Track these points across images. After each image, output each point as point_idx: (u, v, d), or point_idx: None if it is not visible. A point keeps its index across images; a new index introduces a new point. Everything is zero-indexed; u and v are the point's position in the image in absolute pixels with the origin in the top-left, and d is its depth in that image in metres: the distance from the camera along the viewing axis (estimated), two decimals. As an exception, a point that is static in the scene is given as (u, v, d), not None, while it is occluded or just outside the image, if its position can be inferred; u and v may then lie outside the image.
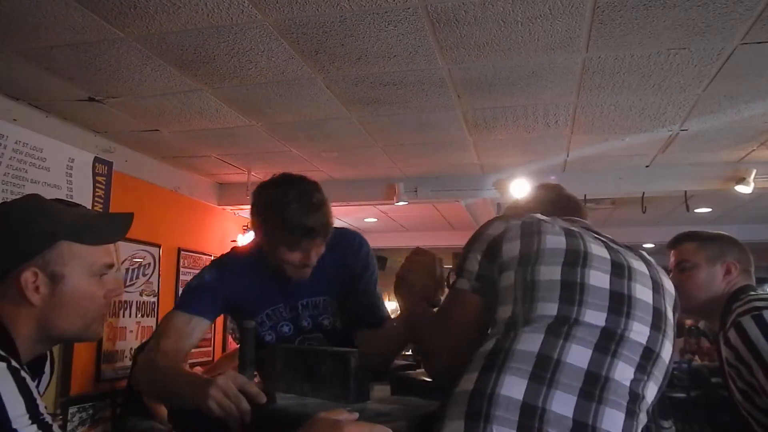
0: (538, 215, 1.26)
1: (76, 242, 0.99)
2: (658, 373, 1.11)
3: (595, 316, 1.07)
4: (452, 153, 4.47)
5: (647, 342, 1.10)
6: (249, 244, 1.90)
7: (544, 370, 1.00)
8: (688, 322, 10.33)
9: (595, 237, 1.23)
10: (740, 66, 2.84)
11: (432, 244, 9.16)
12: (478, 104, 3.40)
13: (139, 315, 4.34)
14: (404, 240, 8.92)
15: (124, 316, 4.20)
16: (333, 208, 1.72)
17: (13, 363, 0.87)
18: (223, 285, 1.74)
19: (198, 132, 3.96)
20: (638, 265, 1.19)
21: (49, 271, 0.96)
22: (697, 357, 6.97)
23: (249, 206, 1.84)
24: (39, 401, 0.87)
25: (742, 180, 4.59)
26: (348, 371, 1.22)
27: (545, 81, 3.04)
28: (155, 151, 4.46)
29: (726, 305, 1.76)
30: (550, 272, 1.11)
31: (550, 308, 1.06)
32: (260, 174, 5.18)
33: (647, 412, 1.07)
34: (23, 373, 0.87)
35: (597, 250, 1.16)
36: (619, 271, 1.14)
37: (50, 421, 0.87)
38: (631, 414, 1.02)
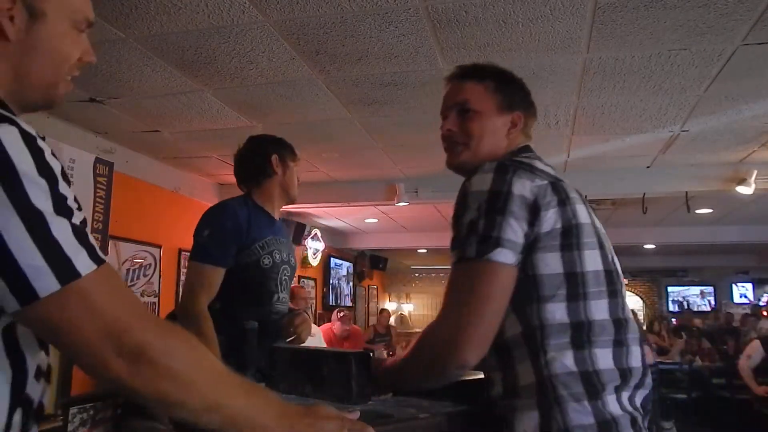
0: (551, 168, 1.20)
1: None
2: None
3: (626, 311, 1.16)
4: (453, 154, 4.47)
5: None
6: (231, 199, 2.18)
7: (626, 383, 1.10)
8: (699, 321, 10.27)
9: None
10: (741, 67, 2.84)
11: (433, 245, 9.16)
12: (478, 105, 3.39)
13: (140, 315, 4.34)
14: (405, 240, 8.93)
15: (124, 317, 4.19)
16: (334, 208, 1.76)
17: (24, 126, 0.77)
18: (241, 222, 2.03)
19: (199, 133, 3.96)
20: (600, 224, 1.22)
21: (28, 1, 0.85)
22: (698, 358, 6.98)
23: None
24: (59, 175, 0.78)
25: (743, 181, 4.59)
26: (349, 372, 1.21)
27: (546, 82, 3.04)
28: (156, 152, 4.46)
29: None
30: (593, 260, 1.12)
31: (601, 310, 1.11)
32: (261, 174, 5.18)
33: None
34: (40, 142, 0.78)
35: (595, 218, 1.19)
36: (605, 244, 1.18)
37: (72, 206, 0.79)
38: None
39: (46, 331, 0.76)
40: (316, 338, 5.16)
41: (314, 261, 7.82)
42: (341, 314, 6.49)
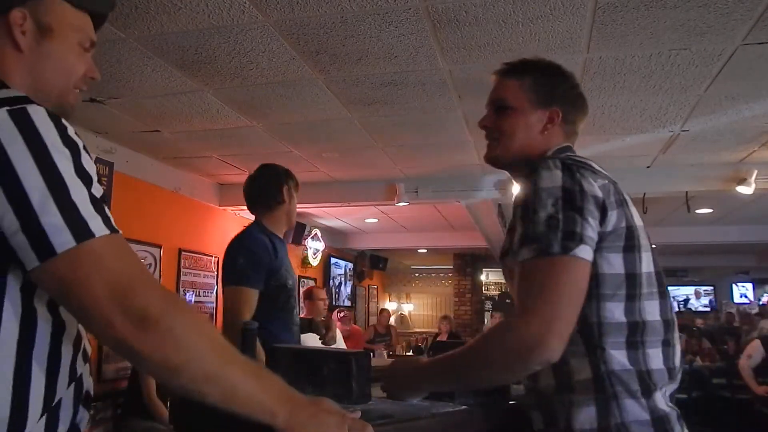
0: (603, 169, 1.21)
1: (66, 1, 0.99)
2: None
3: (673, 312, 1.18)
4: (453, 153, 4.47)
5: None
6: (246, 229, 2.43)
7: (673, 381, 1.14)
8: (699, 321, 10.26)
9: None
10: (741, 66, 2.84)
11: (433, 245, 9.17)
12: (478, 105, 3.38)
13: (140, 315, 4.34)
14: (405, 240, 8.93)
15: (124, 317, 4.19)
16: (334, 208, 1.79)
17: (50, 109, 0.85)
18: (269, 248, 2.27)
19: (199, 133, 3.97)
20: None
21: (37, 17, 0.95)
22: (698, 358, 6.98)
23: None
24: (82, 149, 0.85)
25: (743, 181, 4.59)
26: (350, 372, 1.22)
27: (546, 82, 3.04)
28: (156, 152, 4.47)
29: None
30: (648, 262, 1.14)
31: (653, 311, 1.13)
32: (261, 174, 5.18)
33: None
34: (64, 121, 0.85)
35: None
36: (651, 245, 1.19)
37: (93, 175, 0.85)
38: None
39: (59, 289, 0.80)
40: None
41: (314, 261, 7.82)
42: (341, 314, 6.49)
